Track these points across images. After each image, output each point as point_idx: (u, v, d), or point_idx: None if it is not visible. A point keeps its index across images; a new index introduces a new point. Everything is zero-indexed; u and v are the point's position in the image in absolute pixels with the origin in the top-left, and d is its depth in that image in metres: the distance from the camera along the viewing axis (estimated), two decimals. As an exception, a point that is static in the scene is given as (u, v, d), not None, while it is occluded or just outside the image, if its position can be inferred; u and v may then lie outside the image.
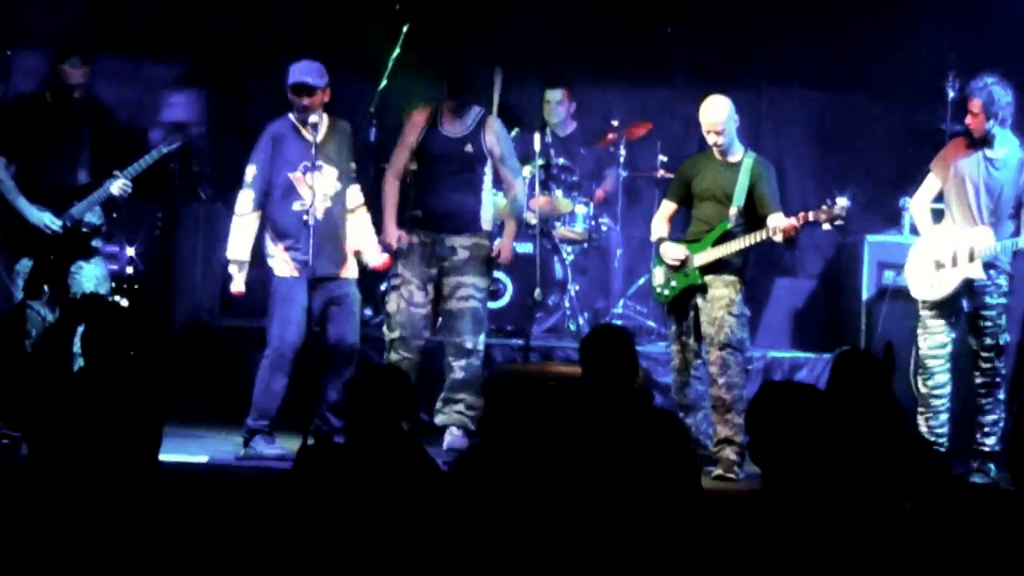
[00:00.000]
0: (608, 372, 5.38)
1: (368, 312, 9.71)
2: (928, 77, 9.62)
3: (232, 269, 8.01)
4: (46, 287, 7.80)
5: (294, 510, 4.74)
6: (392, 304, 8.25)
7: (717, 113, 7.98)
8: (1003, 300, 7.91)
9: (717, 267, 7.96)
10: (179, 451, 7.39)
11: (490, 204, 8.28)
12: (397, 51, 9.48)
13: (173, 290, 9.95)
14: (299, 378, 7.91)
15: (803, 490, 4.24)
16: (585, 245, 10.13)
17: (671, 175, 8.98)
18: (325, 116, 7.97)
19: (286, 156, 7.88)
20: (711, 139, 8.00)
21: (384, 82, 9.34)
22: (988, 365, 7.90)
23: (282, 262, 7.91)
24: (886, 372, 5.50)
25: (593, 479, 5.01)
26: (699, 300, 7.99)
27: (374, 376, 5.28)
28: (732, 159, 8.03)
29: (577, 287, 9.94)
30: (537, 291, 8.03)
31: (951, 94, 9.37)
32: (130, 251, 9.83)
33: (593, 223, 10.12)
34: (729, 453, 7.84)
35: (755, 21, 10.45)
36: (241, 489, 6.44)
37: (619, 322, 9.94)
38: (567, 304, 9.85)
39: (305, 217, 7.73)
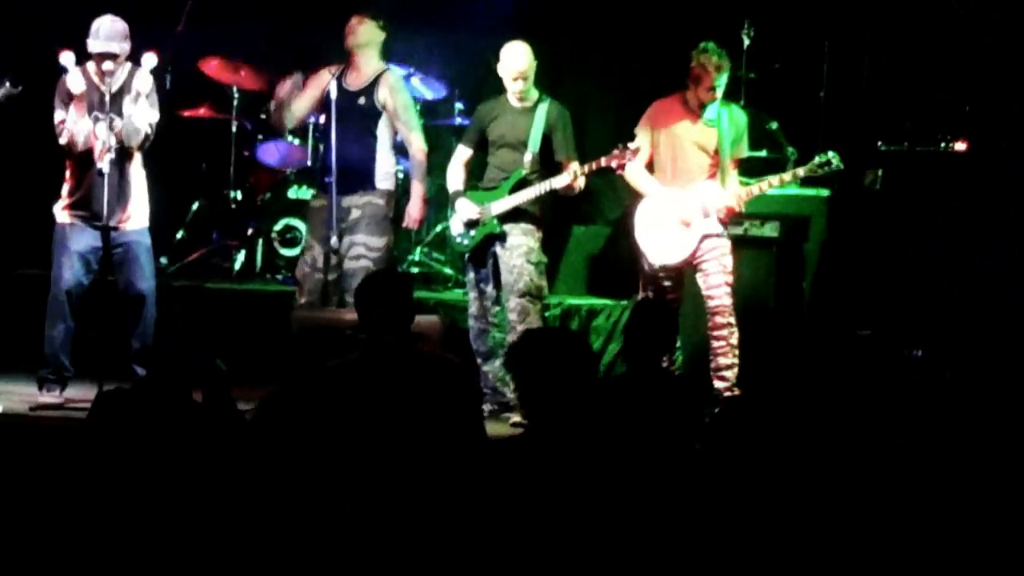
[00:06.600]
0: (380, 317, 5.36)
1: (163, 260, 9.65)
2: (724, 25, 9.67)
3: None
4: None
5: (87, 459, 4.73)
6: (299, 270, 8.27)
7: (525, 59, 7.98)
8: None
9: (515, 215, 8.03)
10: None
11: (389, 162, 8.23)
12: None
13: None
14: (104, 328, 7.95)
15: (568, 433, 4.39)
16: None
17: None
18: (127, 64, 7.85)
19: (82, 104, 7.74)
20: (518, 85, 7.99)
21: (181, 26, 9.17)
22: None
23: (60, 209, 7.92)
24: None
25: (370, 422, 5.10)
26: (498, 248, 8.06)
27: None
28: (526, 104, 8.07)
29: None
30: (333, 239, 7.99)
31: (747, 41, 9.51)
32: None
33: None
34: (527, 399, 7.93)
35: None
36: (34, 438, 6.40)
37: (416, 270, 9.99)
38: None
39: (99, 165, 7.63)
